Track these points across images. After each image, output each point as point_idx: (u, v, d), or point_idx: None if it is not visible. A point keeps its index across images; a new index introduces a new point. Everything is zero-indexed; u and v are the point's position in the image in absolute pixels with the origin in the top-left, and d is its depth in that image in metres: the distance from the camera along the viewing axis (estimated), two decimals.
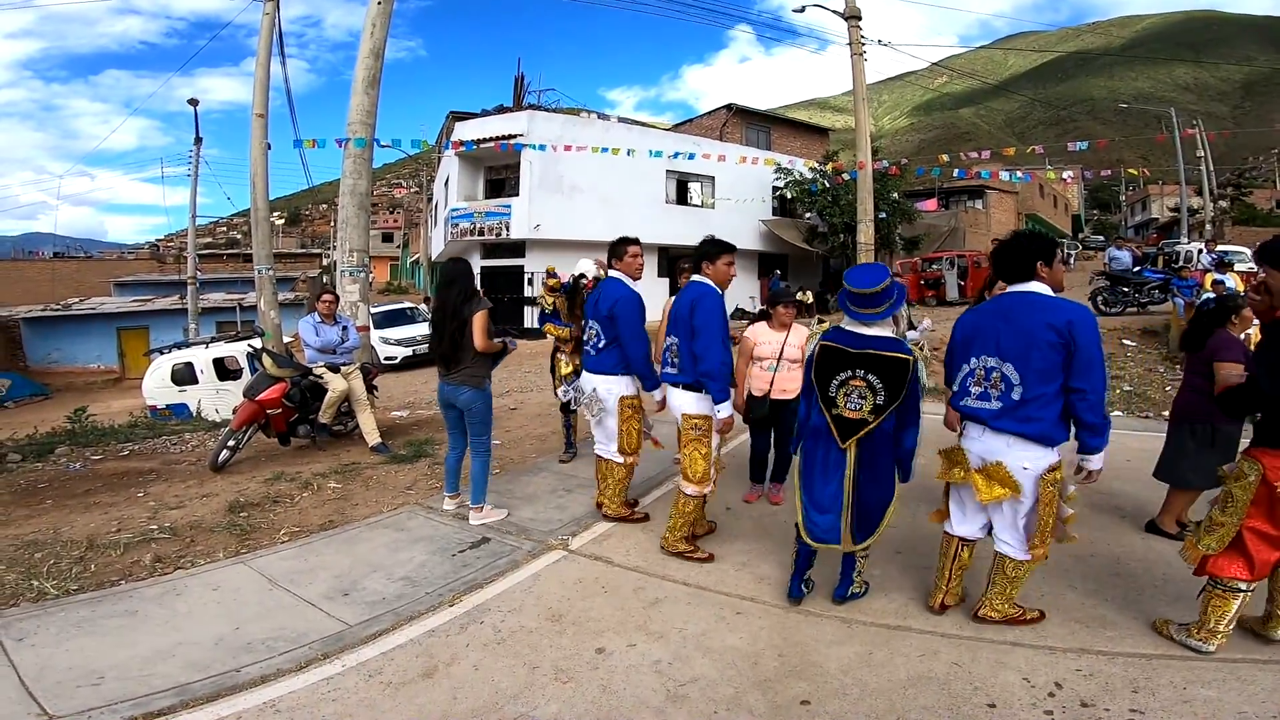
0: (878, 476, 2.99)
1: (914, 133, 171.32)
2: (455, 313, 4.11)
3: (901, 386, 2.87)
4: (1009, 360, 2.69)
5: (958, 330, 2.97)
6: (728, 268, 3.68)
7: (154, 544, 4.05)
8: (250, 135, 10.32)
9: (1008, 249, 2.86)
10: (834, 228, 21.31)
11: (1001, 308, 2.81)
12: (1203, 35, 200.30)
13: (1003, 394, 2.71)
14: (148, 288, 31.59)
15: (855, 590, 3.19)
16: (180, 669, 2.74)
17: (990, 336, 2.77)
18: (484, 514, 4.32)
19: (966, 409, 2.86)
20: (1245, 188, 44.53)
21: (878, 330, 2.96)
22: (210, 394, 11.37)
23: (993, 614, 2.93)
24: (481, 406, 4.26)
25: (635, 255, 4.17)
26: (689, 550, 3.73)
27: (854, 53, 13.72)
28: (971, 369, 2.83)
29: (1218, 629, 2.64)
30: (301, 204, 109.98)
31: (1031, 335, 2.64)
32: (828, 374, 2.99)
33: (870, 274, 2.94)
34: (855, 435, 2.93)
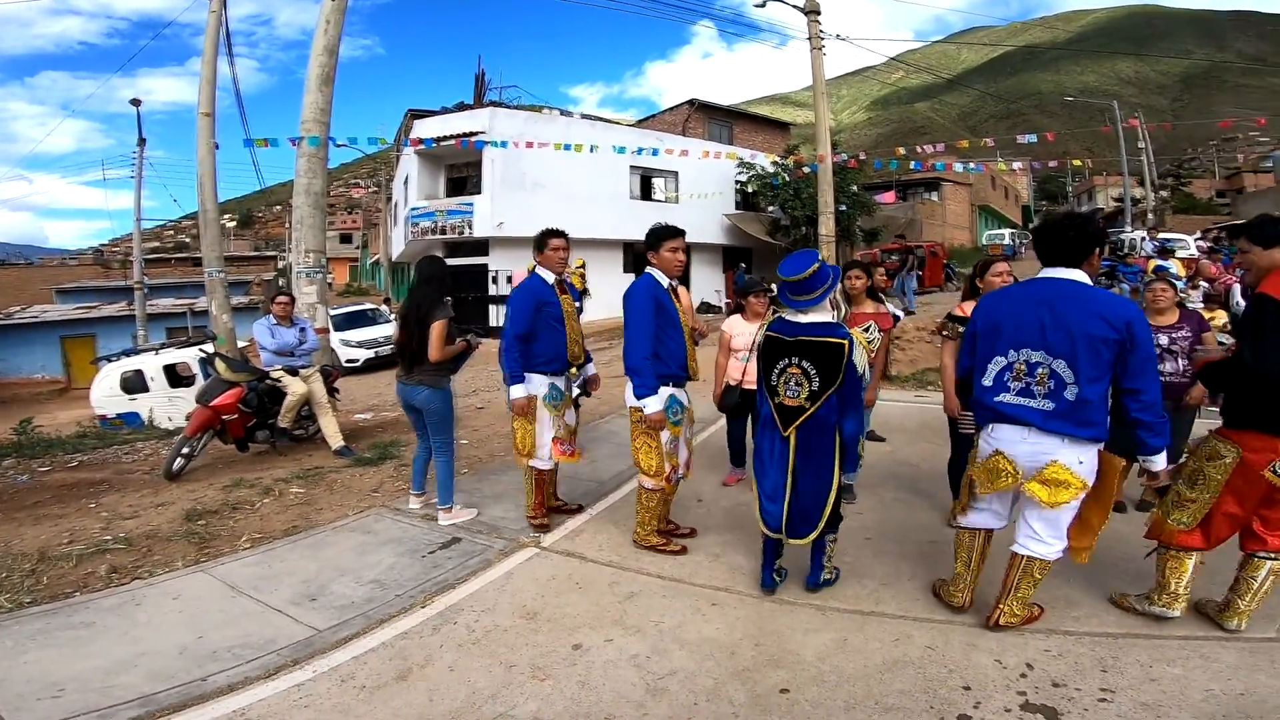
0: (816, 467, 2.98)
1: (872, 127, 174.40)
2: (422, 316, 4.08)
3: (837, 372, 2.88)
4: (1059, 356, 2.48)
5: (981, 316, 2.74)
6: (673, 254, 3.53)
7: (109, 555, 3.90)
8: (196, 135, 9.99)
9: (1066, 229, 2.60)
10: (796, 220, 21.56)
11: (1043, 296, 2.56)
12: (1144, 30, 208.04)
13: (1052, 393, 2.50)
14: (92, 294, 30.38)
15: (827, 577, 3.21)
16: (143, 679, 2.65)
17: (1033, 328, 2.53)
18: (453, 514, 4.25)
19: (1004, 407, 2.61)
20: (1184, 178, 46.46)
21: (813, 316, 2.97)
22: (162, 401, 10.99)
23: (1012, 620, 2.76)
24: (439, 406, 4.20)
25: (556, 249, 4.03)
26: (661, 544, 3.70)
27: (813, 47, 13.88)
28: (1009, 362, 2.59)
29: (1178, 591, 2.70)
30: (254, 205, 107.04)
31: (1087, 331, 2.43)
32: (769, 363, 3.04)
33: (799, 261, 2.97)
34: (794, 423, 2.96)
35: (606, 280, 20.55)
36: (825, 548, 3.16)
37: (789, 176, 21.29)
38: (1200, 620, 2.79)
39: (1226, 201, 41.49)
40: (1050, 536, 2.66)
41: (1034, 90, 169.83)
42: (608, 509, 4.51)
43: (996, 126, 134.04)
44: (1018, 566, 2.71)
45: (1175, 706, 2.27)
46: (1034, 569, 2.69)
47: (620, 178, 21.42)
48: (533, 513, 4.13)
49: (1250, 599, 2.66)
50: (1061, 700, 2.33)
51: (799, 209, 21.14)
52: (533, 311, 3.90)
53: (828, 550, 3.18)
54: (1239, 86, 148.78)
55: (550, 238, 4.03)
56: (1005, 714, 2.27)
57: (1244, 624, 2.69)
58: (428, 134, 19.12)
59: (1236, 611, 2.69)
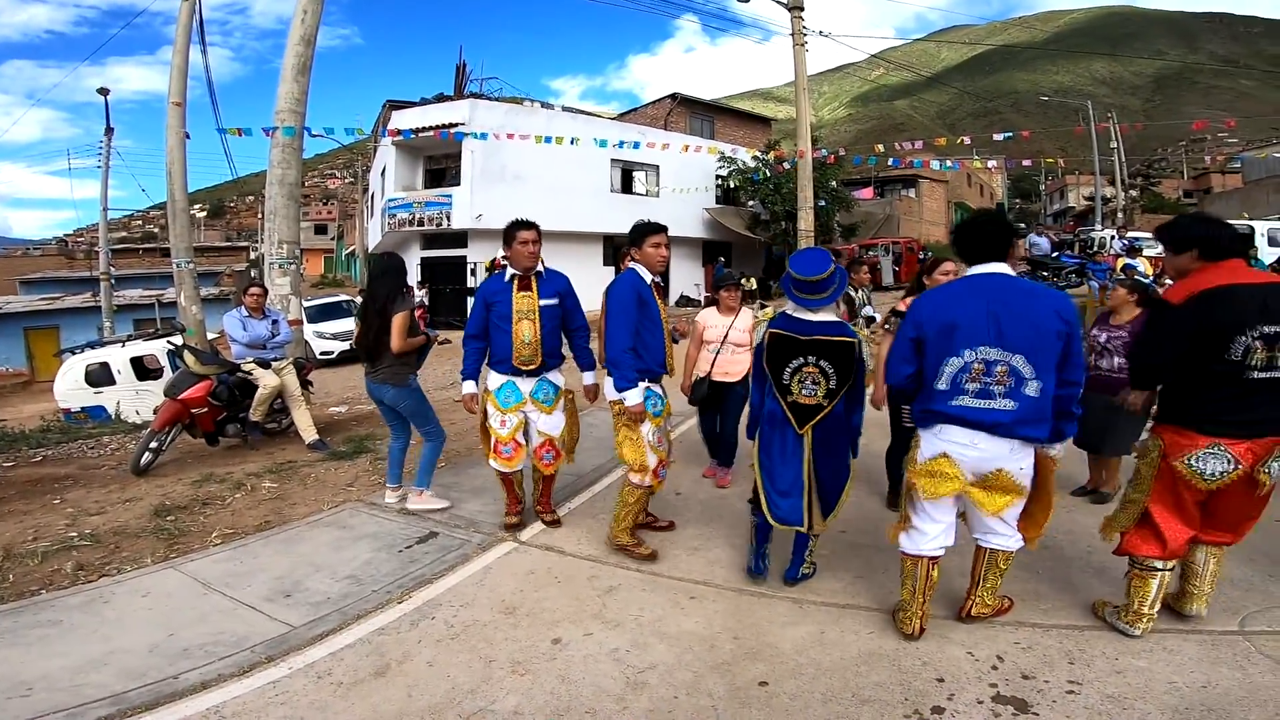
0: (835, 458, 3.04)
1: (852, 123, 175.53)
2: (381, 309, 4.06)
3: (851, 369, 2.92)
4: (1019, 352, 2.43)
5: (928, 319, 2.60)
6: (656, 249, 3.54)
7: (75, 551, 3.80)
8: (166, 125, 9.76)
9: (985, 226, 2.64)
10: (775, 215, 21.66)
11: (988, 291, 2.52)
12: (1119, 30, 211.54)
13: (1012, 391, 2.45)
14: (57, 285, 29.59)
15: (805, 571, 3.25)
16: (114, 678, 2.60)
17: (984, 324, 2.46)
18: (423, 499, 4.28)
19: (963, 411, 2.51)
20: (1154, 178, 47.52)
21: (824, 315, 2.98)
22: (129, 395, 10.73)
23: (984, 610, 2.80)
24: (411, 402, 4.25)
25: (525, 241, 3.75)
26: (632, 545, 3.61)
27: (796, 43, 13.93)
28: (966, 363, 2.49)
29: (1141, 610, 2.68)
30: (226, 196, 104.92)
31: (1042, 324, 2.42)
32: (780, 362, 3.00)
33: (815, 261, 2.96)
34: (812, 421, 2.97)
35: (586, 274, 20.50)
36: (809, 542, 3.20)
37: (769, 171, 21.37)
38: (1164, 614, 2.83)
39: (1194, 201, 42.49)
40: (1006, 529, 2.68)
41: (1011, 89, 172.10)
42: (586, 503, 4.51)
43: (974, 124, 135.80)
44: (983, 559, 2.75)
45: (1140, 698, 2.32)
46: (999, 560, 2.73)
47: (601, 171, 21.33)
48: (506, 509, 4.07)
49: (1198, 581, 2.72)
50: (1031, 692, 2.38)
51: (779, 204, 21.24)
52: (481, 310, 3.81)
53: (810, 544, 3.22)
54: (1210, 88, 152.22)
55: (518, 230, 3.76)
56: (978, 706, 2.31)
57: (1202, 608, 2.74)
58: (406, 125, 18.86)
59: (1190, 596, 2.74)
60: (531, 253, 3.75)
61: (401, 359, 4.15)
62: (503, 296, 3.76)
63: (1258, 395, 2.42)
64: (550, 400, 3.88)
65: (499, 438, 3.85)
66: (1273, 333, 2.38)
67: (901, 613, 2.80)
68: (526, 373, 3.79)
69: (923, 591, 2.71)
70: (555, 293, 3.85)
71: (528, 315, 3.73)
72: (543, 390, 3.85)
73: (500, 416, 3.84)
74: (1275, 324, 2.38)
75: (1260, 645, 2.61)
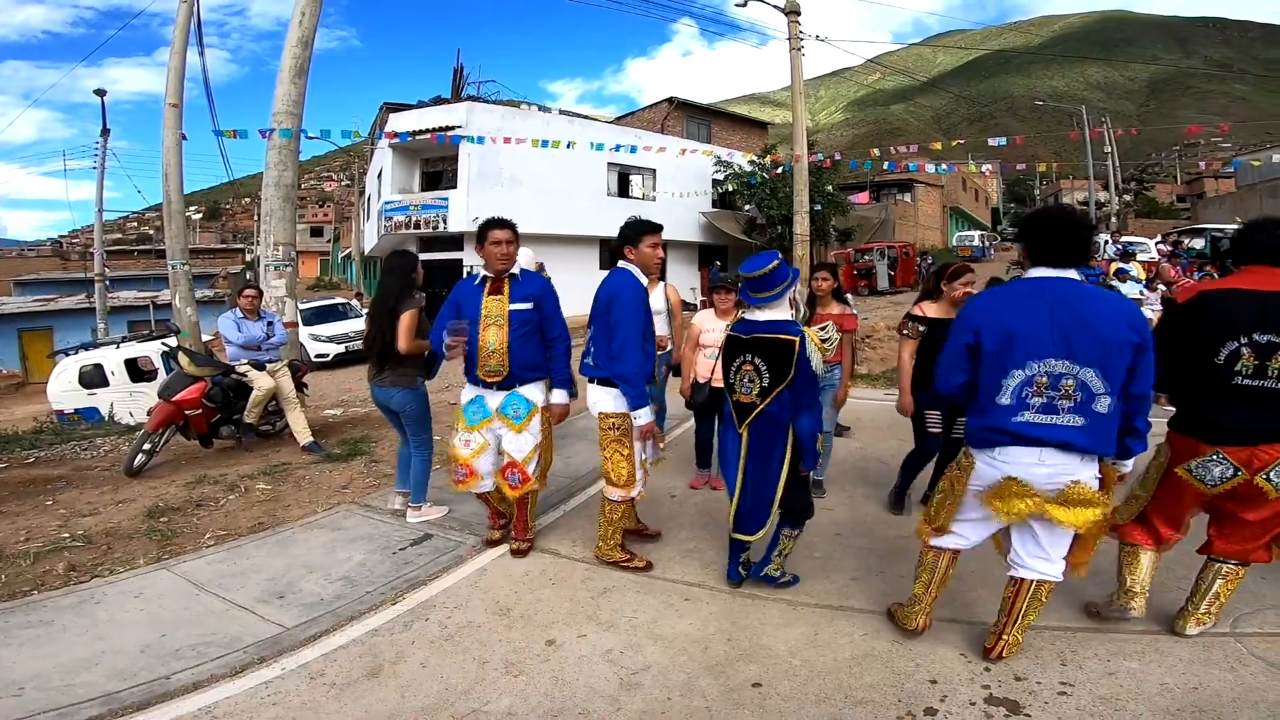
0: (763, 464, 3.00)
1: (848, 128, 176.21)
2: (391, 309, 3.95)
3: (787, 368, 2.90)
4: (1089, 365, 2.22)
5: (986, 326, 2.36)
6: (653, 250, 3.38)
7: (67, 552, 3.79)
8: (163, 126, 9.76)
9: (1073, 227, 2.37)
10: (772, 219, 21.70)
11: (1055, 299, 2.29)
12: (1114, 35, 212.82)
13: (1080, 405, 2.25)
14: (51, 286, 29.54)
15: (772, 573, 3.16)
16: (105, 678, 2.59)
17: (1049, 335, 2.26)
18: (423, 512, 4.21)
19: (1028, 429, 2.29)
20: (1147, 182, 47.78)
21: (769, 314, 3.02)
22: (123, 396, 10.67)
23: (1014, 650, 2.56)
24: (416, 407, 4.14)
25: (498, 242, 3.49)
26: (624, 559, 3.49)
27: (793, 48, 13.99)
28: (1029, 376, 2.28)
29: (1134, 589, 2.72)
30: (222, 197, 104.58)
31: (1114, 335, 2.22)
32: (729, 361, 3.09)
33: (758, 259, 3.04)
34: (747, 419, 3.01)
35: (582, 277, 20.49)
36: (779, 542, 3.14)
37: (766, 176, 21.42)
38: (1155, 615, 2.84)
39: (1186, 206, 42.77)
40: (1059, 556, 2.45)
41: (1006, 94, 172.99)
42: (581, 504, 4.50)
43: (969, 129, 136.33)
44: (1026, 592, 2.47)
45: (1132, 700, 2.33)
46: (1043, 593, 2.49)
47: (598, 174, 21.37)
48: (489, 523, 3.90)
49: (1199, 600, 2.66)
50: (1023, 694, 2.38)
51: (775, 208, 21.29)
52: (451, 313, 3.55)
53: (780, 545, 3.14)
54: (1204, 92, 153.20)
55: (490, 229, 3.47)
56: (970, 707, 2.32)
57: (1190, 626, 2.67)
58: (403, 128, 18.87)
59: (1185, 614, 2.69)
60: (505, 254, 3.47)
61: (411, 363, 4.04)
62: (473, 300, 3.52)
63: (1246, 403, 2.39)
64: (520, 418, 3.49)
65: (458, 458, 3.59)
66: (1265, 342, 2.34)
67: (908, 608, 2.74)
68: (495, 385, 3.48)
69: (938, 585, 2.66)
70: (528, 296, 3.50)
71: (496, 320, 3.44)
72: (512, 406, 3.49)
73: (465, 435, 3.56)
74: (1268, 333, 2.34)
75: (1252, 647, 2.61)
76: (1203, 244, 16.90)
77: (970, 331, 2.41)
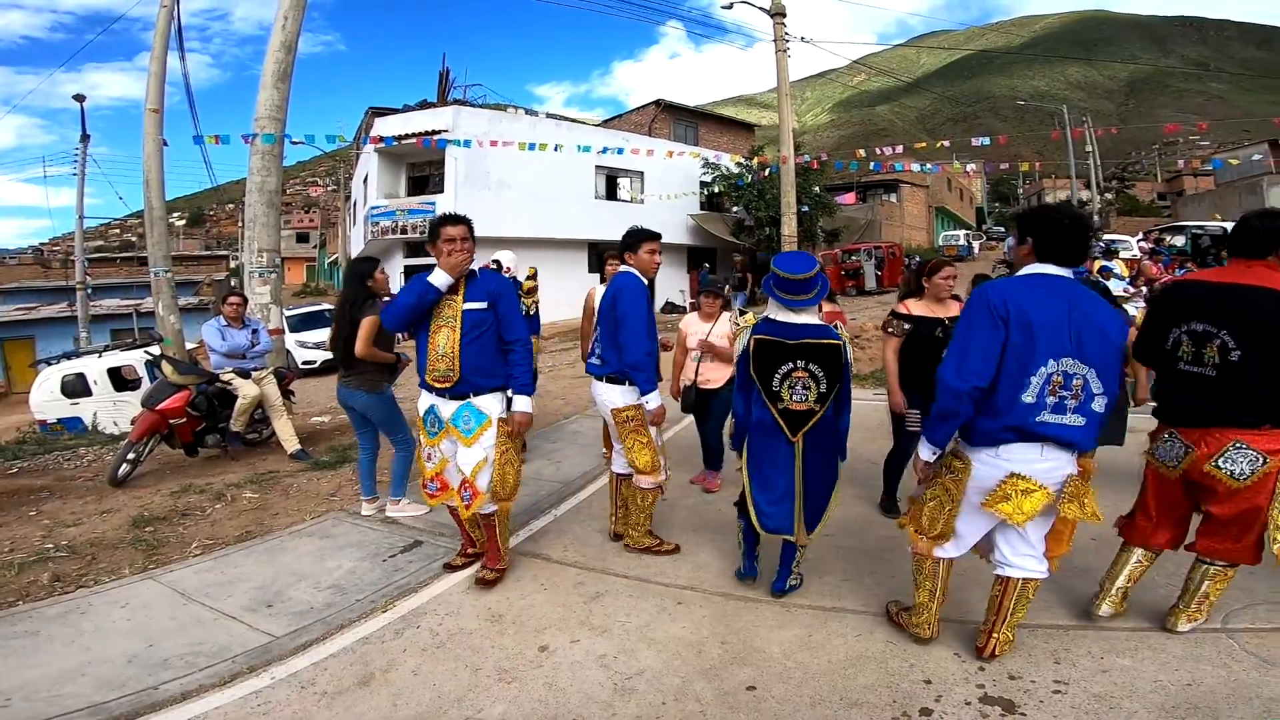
0: (824, 464, 3.00)
1: (834, 129, 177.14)
2: (350, 315, 4.05)
3: (839, 372, 2.90)
4: (1092, 364, 2.24)
5: (1013, 319, 2.25)
6: (650, 256, 3.55)
7: (51, 563, 3.74)
8: (143, 132, 9.65)
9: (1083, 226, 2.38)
10: (759, 221, 21.78)
11: (1059, 294, 2.28)
12: (1094, 35, 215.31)
13: (1082, 406, 2.26)
14: (32, 295, 29.04)
15: (793, 583, 3.18)
16: (92, 688, 2.56)
17: (1066, 333, 2.24)
18: (401, 506, 4.29)
19: (1045, 428, 2.27)
20: (1128, 180, 48.33)
21: (807, 318, 2.94)
22: (106, 405, 10.54)
23: (1006, 648, 2.57)
24: (381, 411, 4.23)
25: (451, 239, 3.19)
26: (654, 545, 3.66)
27: (778, 49, 14.05)
28: (1049, 374, 2.24)
29: (1109, 587, 2.77)
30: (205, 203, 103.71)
31: (1112, 336, 2.27)
32: (768, 368, 2.91)
33: (801, 261, 2.94)
34: (805, 426, 2.92)
35: (571, 281, 20.46)
36: (796, 553, 3.13)
37: (753, 177, 21.48)
38: (1149, 612, 2.86)
39: (1167, 204, 43.32)
40: (1036, 551, 2.49)
41: (988, 94, 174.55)
42: (573, 509, 4.48)
43: (953, 129, 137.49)
44: (1014, 591, 2.49)
45: (1126, 697, 2.34)
46: (1030, 590, 2.50)
47: (585, 178, 21.36)
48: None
49: (1189, 599, 2.66)
50: (1018, 692, 2.39)
51: (762, 210, 21.36)
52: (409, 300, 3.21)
53: (798, 555, 3.15)
54: (1181, 91, 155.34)
55: (443, 225, 3.20)
56: (965, 707, 2.32)
57: (1181, 623, 2.67)
58: (389, 132, 18.79)
59: (1176, 611, 2.70)
60: (459, 252, 3.18)
61: (374, 367, 4.12)
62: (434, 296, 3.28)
63: (1188, 387, 2.51)
64: (471, 430, 3.19)
65: (424, 472, 3.38)
66: (1200, 330, 2.47)
67: (916, 617, 2.69)
68: (446, 393, 3.19)
69: (942, 592, 2.64)
70: (486, 294, 3.23)
71: (448, 322, 3.17)
72: (463, 418, 3.19)
73: (427, 449, 3.33)
74: (1205, 322, 2.46)
75: (1243, 642, 2.63)
76: (1183, 241, 17.11)
77: (1000, 321, 2.26)
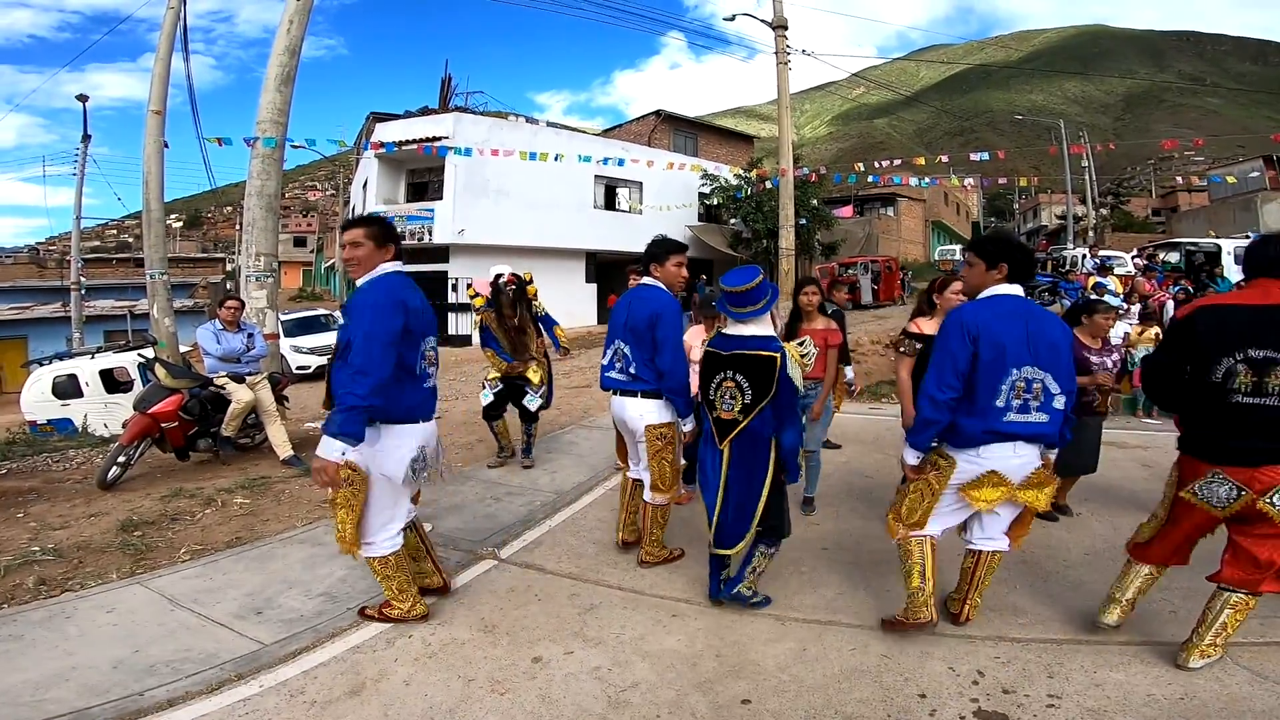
0: (746, 479, 3.00)
1: (833, 141, 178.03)
2: None
3: (769, 384, 2.92)
4: (1047, 370, 2.57)
5: (983, 338, 2.58)
6: (678, 269, 3.54)
7: (37, 566, 3.69)
8: (145, 133, 9.67)
9: (1030, 251, 2.81)
10: (757, 233, 21.83)
11: (1019, 312, 2.63)
12: (1091, 49, 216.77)
13: (1044, 405, 2.59)
14: (26, 294, 28.85)
15: (744, 591, 3.10)
16: (76, 694, 2.52)
17: (1023, 344, 2.57)
18: None
19: (1013, 427, 2.60)
20: (1124, 196, 48.62)
21: (752, 329, 3.02)
22: (97, 407, 10.47)
23: (974, 614, 2.93)
24: None
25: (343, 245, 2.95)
26: (666, 556, 3.71)
27: (779, 61, 14.13)
28: (1013, 381, 2.58)
29: (1115, 595, 2.77)
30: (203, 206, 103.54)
31: (1060, 344, 2.62)
32: (708, 377, 3.09)
33: (742, 274, 3.05)
34: (729, 435, 3.01)
35: (568, 291, 20.51)
36: (753, 559, 3.11)
37: (751, 189, 21.57)
38: (1140, 626, 2.86)
39: (1162, 220, 43.61)
40: (998, 532, 2.85)
41: (986, 108, 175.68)
42: (568, 520, 4.46)
43: (950, 143, 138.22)
44: (983, 562, 2.86)
45: (1119, 711, 2.33)
46: (994, 561, 2.88)
47: (584, 187, 21.41)
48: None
49: (1206, 631, 2.54)
50: (1012, 707, 2.38)
51: (760, 222, 21.42)
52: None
53: (754, 563, 3.12)
54: (1177, 105, 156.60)
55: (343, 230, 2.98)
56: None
57: (1194, 659, 2.54)
58: (390, 138, 18.81)
59: (1190, 646, 2.57)
60: (347, 258, 2.86)
61: None
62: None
63: (1245, 421, 2.34)
64: None
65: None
66: (1261, 357, 2.30)
67: (913, 602, 2.80)
68: None
69: (932, 573, 2.81)
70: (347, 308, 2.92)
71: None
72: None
73: None
74: (1264, 348, 2.30)
75: (1236, 657, 2.62)
76: (1177, 258, 17.18)
77: (970, 340, 2.60)
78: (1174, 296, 9.69)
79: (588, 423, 7.38)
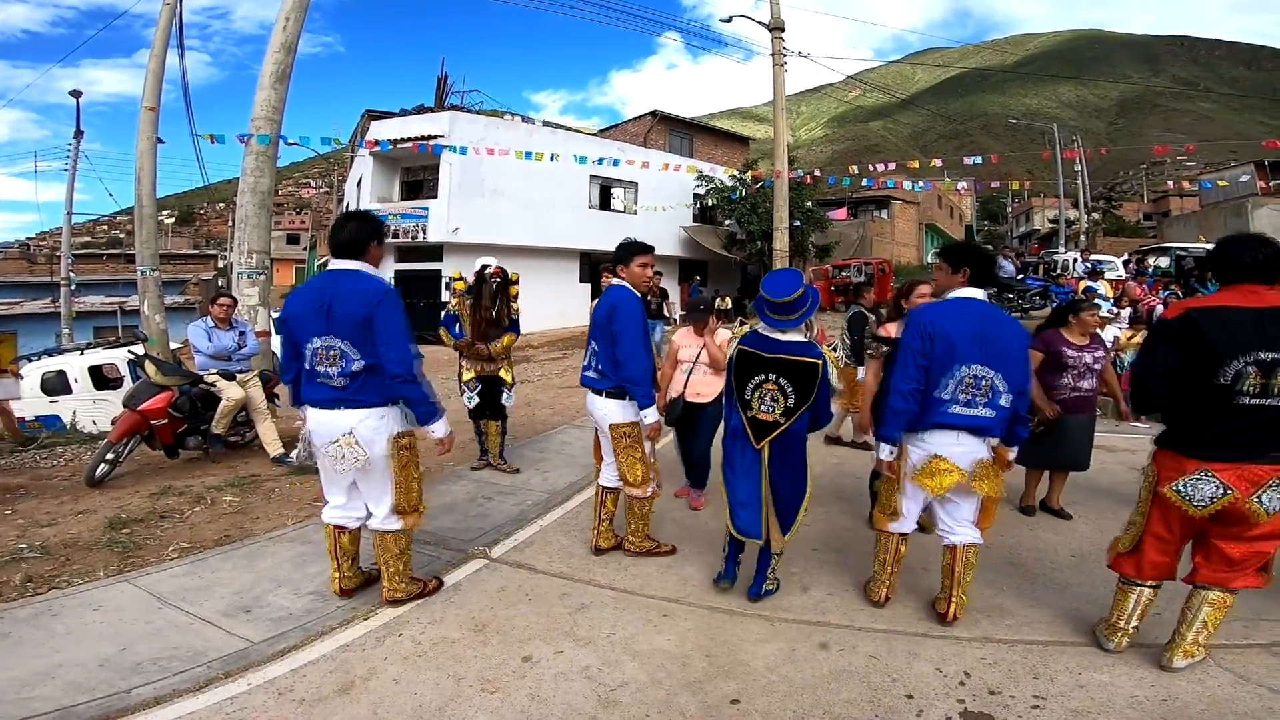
0: (791, 474, 3.11)
1: (828, 144, 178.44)
2: None
3: (811, 389, 2.99)
4: (997, 369, 2.75)
5: (937, 336, 2.80)
6: (642, 269, 3.57)
7: (24, 563, 3.66)
8: (138, 129, 9.60)
9: (974, 251, 3.01)
10: (752, 235, 21.86)
11: (972, 314, 2.82)
12: (1085, 53, 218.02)
13: (990, 401, 2.77)
14: (15, 290, 28.70)
15: (769, 587, 3.27)
16: (62, 691, 2.51)
17: (974, 344, 2.76)
18: None
19: (955, 418, 2.80)
20: (1116, 200, 48.95)
21: (791, 335, 3.08)
22: (86, 404, 10.41)
23: (961, 613, 2.97)
24: None
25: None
26: (654, 548, 3.78)
27: (776, 63, 14.15)
28: (960, 377, 2.77)
29: (1117, 625, 2.72)
30: (196, 202, 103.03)
31: (1012, 344, 2.80)
32: (743, 377, 3.11)
33: (786, 283, 3.07)
34: (768, 437, 3.05)
35: (562, 290, 20.50)
36: (771, 559, 3.22)
37: (746, 191, 21.59)
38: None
39: (1153, 224, 43.90)
40: (967, 524, 2.96)
41: (981, 112, 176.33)
42: (559, 520, 4.46)
43: (945, 146, 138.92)
44: (963, 557, 2.94)
45: (1102, 712, 2.36)
46: (971, 555, 2.95)
47: (580, 187, 21.39)
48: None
49: (1187, 630, 2.57)
50: (997, 707, 2.40)
51: (755, 223, 21.44)
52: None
53: (773, 562, 3.24)
54: (1170, 110, 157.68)
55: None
56: None
57: (1178, 659, 2.58)
58: (385, 136, 18.73)
59: (1173, 646, 2.60)
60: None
61: None
62: None
63: (1247, 421, 2.36)
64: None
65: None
66: (1270, 359, 2.32)
67: (873, 583, 3.20)
68: None
69: (893, 564, 3.12)
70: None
71: None
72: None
73: None
74: (1274, 351, 2.32)
75: (1218, 658, 2.66)
76: (1167, 262, 17.32)
77: (926, 338, 2.82)
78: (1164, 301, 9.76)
79: (580, 423, 7.38)
